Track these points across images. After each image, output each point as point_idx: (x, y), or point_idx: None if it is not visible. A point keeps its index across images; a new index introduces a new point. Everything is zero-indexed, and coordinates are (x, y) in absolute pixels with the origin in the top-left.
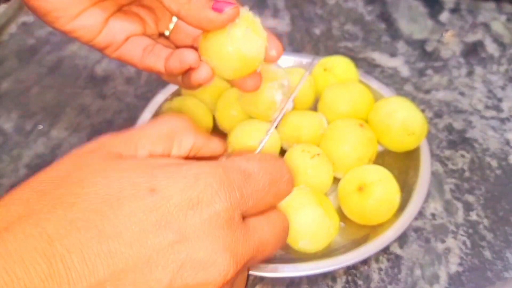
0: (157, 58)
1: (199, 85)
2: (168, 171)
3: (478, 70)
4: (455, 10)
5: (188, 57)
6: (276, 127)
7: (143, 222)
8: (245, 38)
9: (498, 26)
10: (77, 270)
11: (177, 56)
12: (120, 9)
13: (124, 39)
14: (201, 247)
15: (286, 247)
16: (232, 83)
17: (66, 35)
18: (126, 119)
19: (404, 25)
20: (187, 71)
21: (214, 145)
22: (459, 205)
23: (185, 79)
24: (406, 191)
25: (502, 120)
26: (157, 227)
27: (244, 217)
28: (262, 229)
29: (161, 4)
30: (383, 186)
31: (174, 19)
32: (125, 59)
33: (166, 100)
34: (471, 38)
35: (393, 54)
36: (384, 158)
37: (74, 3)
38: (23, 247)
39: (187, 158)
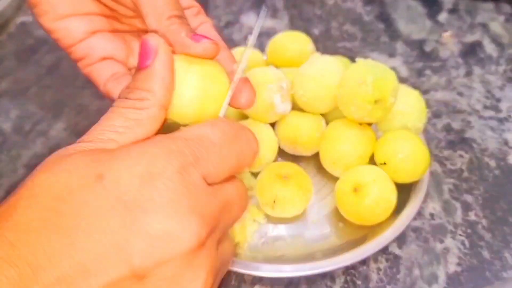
0: (119, 87)
1: None
2: (113, 154)
3: (477, 70)
4: (453, 11)
5: None
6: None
7: (98, 210)
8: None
9: (496, 26)
10: (43, 268)
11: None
12: (113, 31)
13: (100, 58)
14: (164, 217)
15: None
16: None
17: (48, 34)
18: None
19: (403, 26)
20: None
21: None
22: (458, 205)
23: None
24: (405, 191)
25: (501, 120)
26: (114, 211)
27: (209, 184)
28: (226, 189)
29: (143, 18)
30: (378, 186)
31: None
32: (93, 78)
33: None
34: (470, 38)
35: (391, 54)
36: None
37: (65, 3)
38: None
39: None
